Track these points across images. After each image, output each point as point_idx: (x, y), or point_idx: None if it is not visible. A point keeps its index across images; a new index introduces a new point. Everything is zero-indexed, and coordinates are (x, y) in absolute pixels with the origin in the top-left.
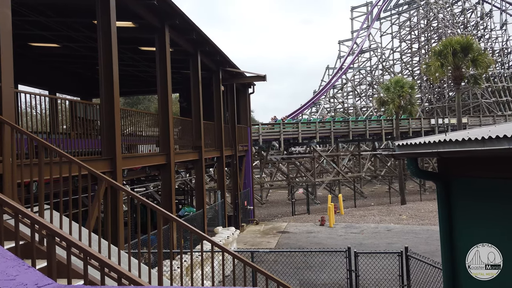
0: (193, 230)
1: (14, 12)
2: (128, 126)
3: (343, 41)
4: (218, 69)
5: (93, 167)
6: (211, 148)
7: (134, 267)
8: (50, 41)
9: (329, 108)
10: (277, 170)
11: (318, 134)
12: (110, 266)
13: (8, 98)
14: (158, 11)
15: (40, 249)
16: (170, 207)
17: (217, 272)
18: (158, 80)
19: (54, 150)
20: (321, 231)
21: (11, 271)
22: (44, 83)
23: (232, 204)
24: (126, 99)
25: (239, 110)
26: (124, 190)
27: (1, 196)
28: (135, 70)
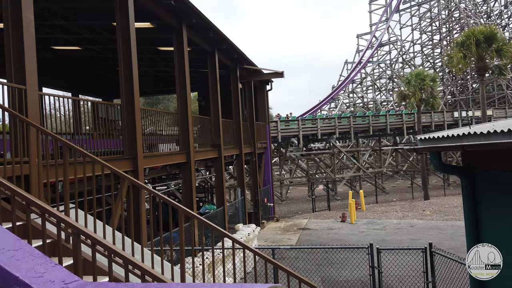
0: (214, 228)
1: (38, 17)
2: (148, 126)
3: (362, 34)
4: (235, 67)
5: (116, 166)
6: (230, 146)
7: (157, 264)
8: (72, 44)
9: (348, 103)
10: (296, 166)
11: (337, 129)
12: (134, 263)
13: (33, 101)
14: (176, 11)
15: (66, 247)
16: (191, 205)
17: (238, 269)
18: (177, 80)
19: (78, 150)
20: (342, 228)
21: (39, 268)
22: (68, 85)
23: (252, 201)
24: (146, 99)
25: (257, 107)
26: (146, 189)
27: (28, 196)
28: (154, 70)
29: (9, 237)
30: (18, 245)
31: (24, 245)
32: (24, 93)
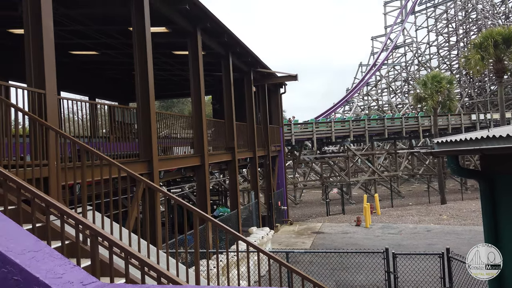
0: (228, 230)
1: (57, 23)
2: (163, 129)
3: (376, 37)
4: (249, 70)
5: (131, 169)
6: (244, 149)
7: (172, 266)
8: (89, 49)
9: (363, 106)
10: (310, 170)
11: (352, 132)
12: (150, 265)
13: (52, 105)
14: (191, 15)
15: (84, 249)
16: (205, 208)
17: (253, 272)
18: (191, 83)
19: (95, 153)
20: (357, 232)
21: (58, 269)
22: (85, 89)
23: (266, 204)
24: (161, 103)
25: (271, 110)
26: (161, 191)
27: (48, 198)
28: (169, 74)
29: (29, 239)
30: (38, 247)
31: (44, 246)
32: (44, 97)
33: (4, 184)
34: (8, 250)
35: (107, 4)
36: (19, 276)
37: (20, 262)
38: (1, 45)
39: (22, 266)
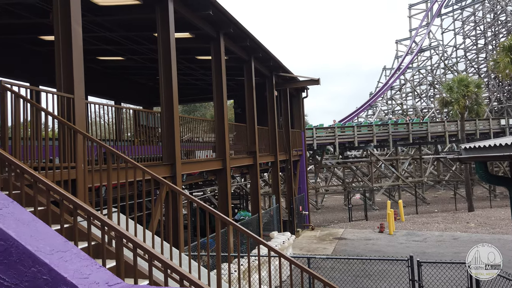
0: (249, 235)
1: (85, 29)
2: (186, 133)
3: (401, 40)
4: (271, 75)
5: (155, 172)
6: (265, 153)
7: (194, 269)
8: (116, 54)
9: (387, 110)
10: (332, 174)
11: (375, 137)
12: (172, 268)
13: (80, 109)
14: (214, 21)
15: (109, 250)
16: (227, 211)
17: (273, 277)
18: (214, 88)
19: (120, 156)
20: (380, 238)
21: (85, 270)
22: (111, 94)
23: (287, 209)
24: (184, 107)
25: (293, 114)
26: (183, 194)
27: (75, 199)
28: (192, 78)
29: (58, 239)
30: (66, 247)
31: (71, 247)
32: (72, 102)
33: (35, 185)
34: (38, 250)
35: (134, 11)
36: (47, 276)
37: (49, 262)
38: (33, 51)
39: (51, 266)
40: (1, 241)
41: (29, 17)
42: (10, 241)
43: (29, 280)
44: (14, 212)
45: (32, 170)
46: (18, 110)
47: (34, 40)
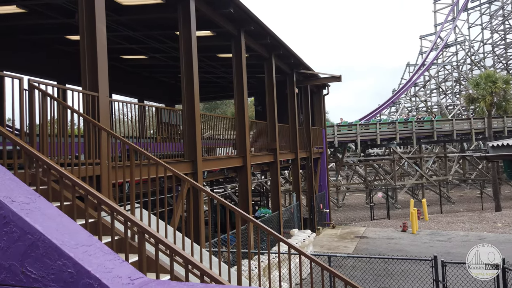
0: (270, 232)
1: (109, 28)
2: (207, 130)
3: (425, 35)
4: (292, 72)
5: (177, 169)
6: (285, 151)
7: (214, 265)
8: (139, 53)
9: (410, 107)
10: (353, 172)
11: (398, 135)
12: (193, 264)
13: (104, 107)
14: (235, 18)
15: (132, 245)
16: (247, 208)
17: (293, 275)
18: (235, 85)
19: (143, 153)
20: (403, 238)
21: (108, 264)
22: (134, 92)
23: (308, 206)
24: (205, 104)
25: (314, 111)
26: (204, 191)
27: (99, 195)
28: (213, 76)
29: (82, 233)
30: (90, 241)
31: (95, 241)
32: (97, 100)
33: (61, 181)
34: (64, 244)
35: (156, 10)
36: (72, 269)
37: (74, 255)
38: (60, 51)
39: (76, 260)
40: (29, 235)
41: (56, 18)
42: (37, 234)
43: (55, 273)
44: (41, 206)
45: (58, 166)
46: (45, 108)
47: (61, 40)
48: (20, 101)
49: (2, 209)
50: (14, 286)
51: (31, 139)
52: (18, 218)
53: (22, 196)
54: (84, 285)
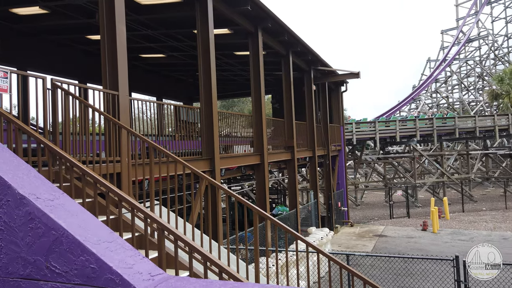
0: (287, 230)
1: (128, 28)
2: (224, 128)
3: (447, 30)
4: (309, 69)
5: (195, 166)
6: (303, 148)
7: (232, 262)
8: (157, 52)
9: (431, 103)
10: (372, 170)
11: (418, 132)
12: (212, 261)
13: (124, 105)
14: (252, 16)
15: (151, 241)
16: (265, 206)
17: (311, 273)
18: (252, 83)
19: (162, 151)
20: (423, 237)
21: (129, 260)
22: (153, 90)
23: (325, 204)
24: (222, 102)
25: (331, 109)
26: (222, 188)
27: (120, 192)
28: (230, 74)
29: (104, 230)
30: (112, 238)
31: (116, 237)
32: (117, 98)
33: (83, 178)
34: (86, 240)
35: (174, 8)
36: (95, 264)
37: (96, 251)
38: (81, 50)
39: (98, 255)
40: (53, 231)
41: (77, 18)
42: (61, 230)
43: (78, 268)
44: (64, 203)
45: (80, 163)
46: (67, 107)
47: (82, 40)
48: (44, 100)
49: (27, 206)
50: (39, 280)
51: (54, 138)
52: (42, 215)
53: (46, 193)
54: (106, 280)
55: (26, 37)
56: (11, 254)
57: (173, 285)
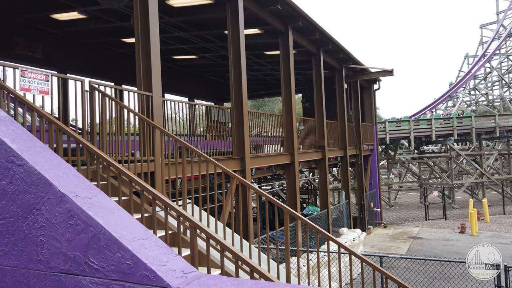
0: (318, 230)
1: (161, 30)
2: (255, 127)
3: (486, 24)
4: (341, 67)
5: (225, 166)
6: (334, 148)
7: (263, 262)
8: (189, 53)
9: (469, 101)
10: (406, 170)
11: (455, 130)
12: (243, 260)
13: (158, 106)
14: (282, 15)
15: (184, 239)
16: (295, 206)
17: (343, 274)
18: (282, 82)
19: (193, 150)
20: (461, 239)
21: (163, 257)
22: (184, 91)
23: (357, 205)
24: (252, 102)
25: (364, 107)
26: (252, 188)
27: (154, 191)
28: (260, 74)
29: (139, 227)
30: (146, 235)
31: (151, 235)
32: (151, 99)
33: (119, 177)
34: (122, 237)
35: (205, 10)
36: (130, 261)
37: (132, 248)
38: (117, 53)
39: (133, 252)
40: (91, 228)
41: (113, 22)
42: (99, 227)
43: (114, 264)
44: (101, 201)
45: (116, 163)
46: (104, 108)
47: (117, 43)
48: (82, 102)
49: (67, 203)
50: (78, 275)
51: (92, 138)
52: (81, 212)
53: (85, 191)
54: (141, 276)
55: (65, 42)
56: (52, 249)
57: (205, 283)
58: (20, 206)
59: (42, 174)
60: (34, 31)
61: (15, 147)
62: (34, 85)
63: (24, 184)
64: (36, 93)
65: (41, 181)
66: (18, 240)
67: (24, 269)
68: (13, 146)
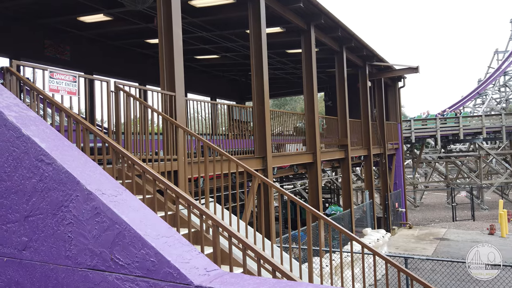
0: (341, 230)
1: (184, 31)
2: (276, 126)
3: None
4: (364, 65)
5: (247, 164)
6: (357, 147)
7: (285, 261)
8: (211, 53)
9: (499, 98)
10: (433, 170)
11: (484, 129)
12: (265, 259)
13: (180, 106)
14: (304, 13)
15: (206, 237)
16: (317, 205)
17: (366, 275)
18: (304, 81)
19: (216, 149)
20: (490, 241)
21: (186, 255)
22: (206, 90)
23: (381, 205)
24: (274, 101)
25: (388, 105)
26: (274, 187)
27: (177, 189)
28: (282, 72)
29: (162, 225)
30: (170, 233)
31: (174, 233)
32: (174, 99)
33: (143, 176)
34: (146, 235)
35: (227, 10)
36: (154, 258)
37: (155, 245)
38: (141, 54)
39: (157, 250)
40: (116, 225)
41: (137, 23)
42: (124, 225)
43: (139, 261)
44: (126, 199)
45: (141, 161)
46: (129, 108)
47: (141, 44)
48: (108, 102)
49: (94, 201)
50: (104, 271)
51: (117, 137)
52: (107, 209)
53: (110, 189)
54: (165, 273)
55: (91, 43)
56: (80, 245)
57: (228, 281)
58: (49, 204)
59: (70, 172)
60: (62, 34)
61: (44, 146)
62: (62, 86)
63: (53, 182)
64: (64, 94)
65: (69, 179)
66: (47, 236)
67: (53, 264)
68: (43, 145)
